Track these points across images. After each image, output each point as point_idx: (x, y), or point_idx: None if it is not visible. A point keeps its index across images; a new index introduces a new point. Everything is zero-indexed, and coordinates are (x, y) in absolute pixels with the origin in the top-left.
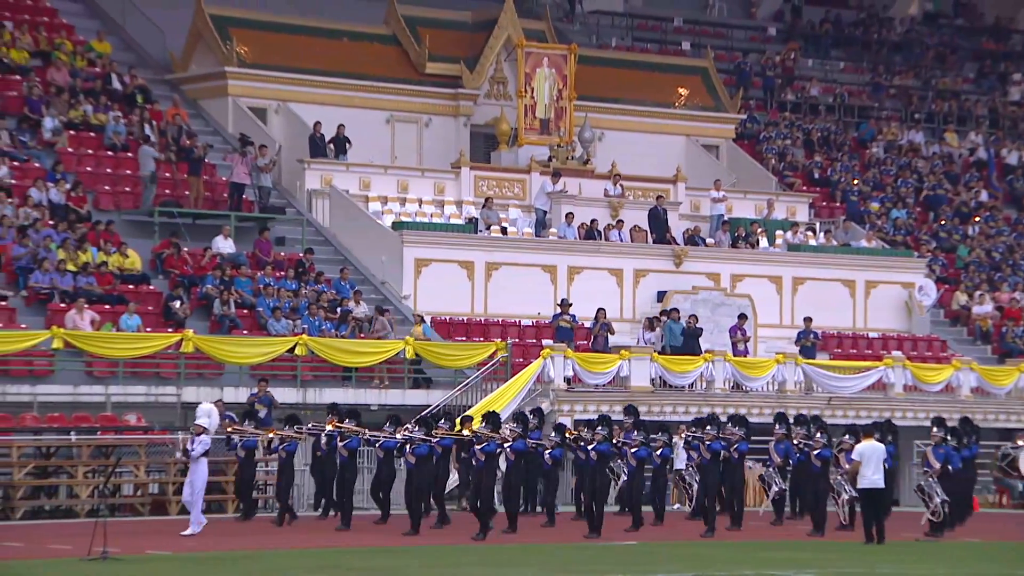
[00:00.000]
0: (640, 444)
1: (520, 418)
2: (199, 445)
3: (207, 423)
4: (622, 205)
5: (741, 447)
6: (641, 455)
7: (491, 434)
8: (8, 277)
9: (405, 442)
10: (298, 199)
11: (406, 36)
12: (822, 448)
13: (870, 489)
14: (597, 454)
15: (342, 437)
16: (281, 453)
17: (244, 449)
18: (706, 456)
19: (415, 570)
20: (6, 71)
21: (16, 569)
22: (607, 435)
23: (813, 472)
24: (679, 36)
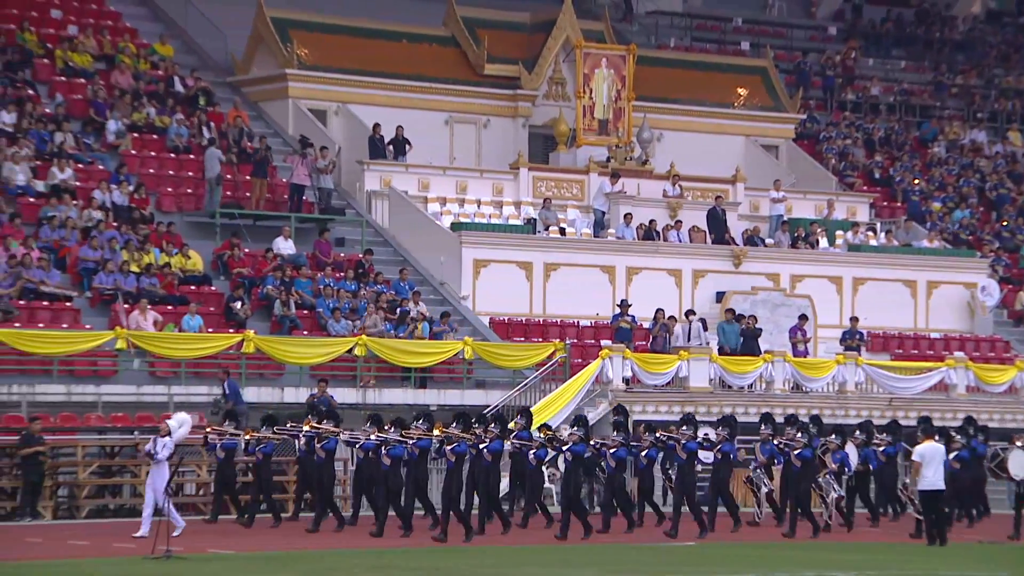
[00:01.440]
0: (620, 445)
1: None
2: (163, 448)
3: (174, 428)
4: (681, 206)
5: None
6: (620, 456)
7: (462, 435)
8: (73, 278)
9: (380, 443)
10: (358, 200)
11: (465, 37)
12: (803, 448)
13: (931, 491)
14: (572, 455)
15: (320, 438)
16: (258, 454)
17: (224, 450)
18: (682, 456)
19: (473, 570)
20: (71, 74)
21: (81, 567)
22: (583, 436)
23: (793, 472)
24: (738, 36)
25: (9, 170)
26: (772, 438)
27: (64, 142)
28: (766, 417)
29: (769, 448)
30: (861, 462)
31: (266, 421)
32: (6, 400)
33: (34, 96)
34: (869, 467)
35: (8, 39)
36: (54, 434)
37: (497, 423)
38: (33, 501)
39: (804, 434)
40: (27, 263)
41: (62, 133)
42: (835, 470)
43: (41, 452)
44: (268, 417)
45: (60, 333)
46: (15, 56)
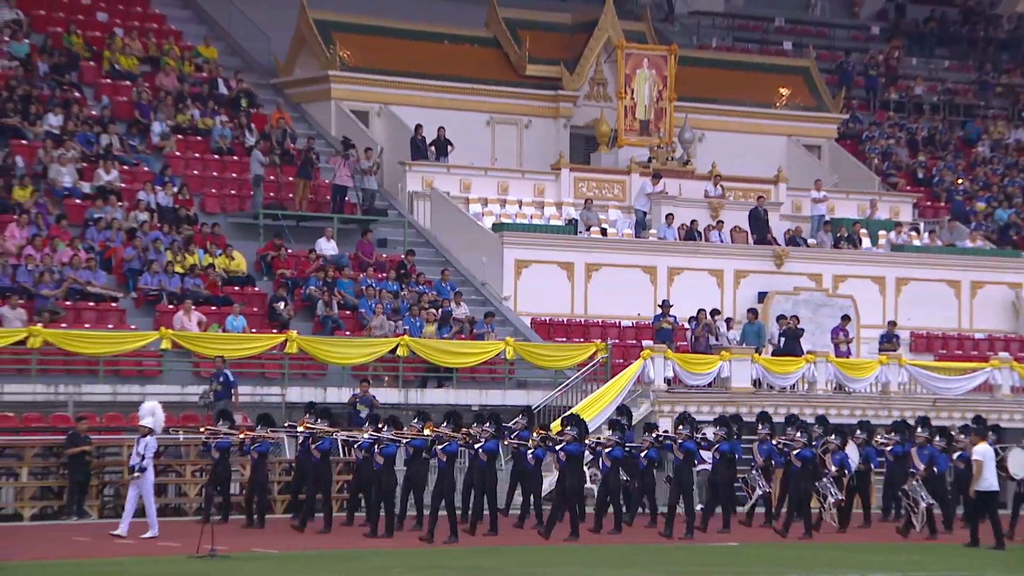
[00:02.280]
0: (615, 444)
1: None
2: (146, 448)
3: (151, 423)
4: (722, 206)
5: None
6: (616, 455)
7: (452, 434)
8: (118, 279)
9: (374, 442)
10: (399, 201)
11: (506, 38)
12: (802, 448)
13: (988, 492)
14: (566, 455)
15: (315, 438)
16: (253, 454)
17: (218, 450)
18: (678, 456)
19: (515, 569)
20: (116, 77)
21: (127, 566)
22: (577, 435)
23: (793, 473)
24: (780, 36)
25: (56, 172)
26: (770, 438)
27: (110, 144)
28: (763, 416)
29: (767, 448)
30: (862, 461)
31: (261, 420)
32: (53, 400)
33: (80, 98)
34: (870, 466)
35: (55, 42)
36: (100, 434)
37: (491, 422)
38: (80, 500)
39: (804, 434)
40: (74, 264)
41: (108, 135)
42: (835, 473)
43: (87, 452)
44: (263, 416)
45: (106, 333)
46: (62, 59)
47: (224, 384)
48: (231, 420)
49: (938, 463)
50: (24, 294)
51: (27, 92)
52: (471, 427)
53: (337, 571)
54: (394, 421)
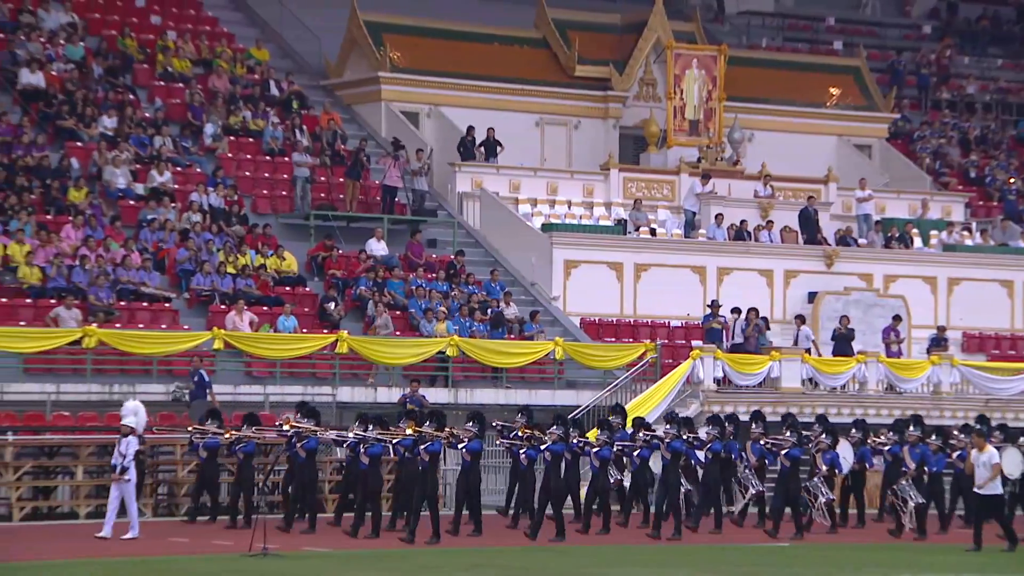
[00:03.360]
0: (604, 444)
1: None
2: (129, 447)
3: (134, 422)
4: (772, 206)
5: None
6: (604, 455)
7: (435, 433)
8: (171, 280)
9: (359, 442)
10: (449, 202)
11: (556, 39)
12: (791, 448)
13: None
14: (551, 454)
15: (300, 437)
16: (239, 454)
17: (206, 450)
18: (666, 456)
19: (569, 569)
20: (170, 79)
21: (181, 564)
22: (562, 435)
23: (783, 472)
24: (831, 35)
25: (110, 173)
26: (761, 437)
27: (163, 146)
28: (756, 416)
29: (760, 447)
30: (857, 460)
31: (247, 420)
32: (107, 399)
33: (134, 101)
34: (866, 466)
35: (109, 45)
36: (154, 433)
37: (475, 422)
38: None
39: (793, 433)
40: (128, 265)
41: (161, 137)
42: (826, 473)
43: (141, 451)
44: (249, 416)
45: (159, 333)
46: (116, 62)
47: (199, 383)
48: (219, 420)
49: (929, 462)
50: (79, 294)
51: (82, 95)
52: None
53: (387, 570)
54: (380, 421)
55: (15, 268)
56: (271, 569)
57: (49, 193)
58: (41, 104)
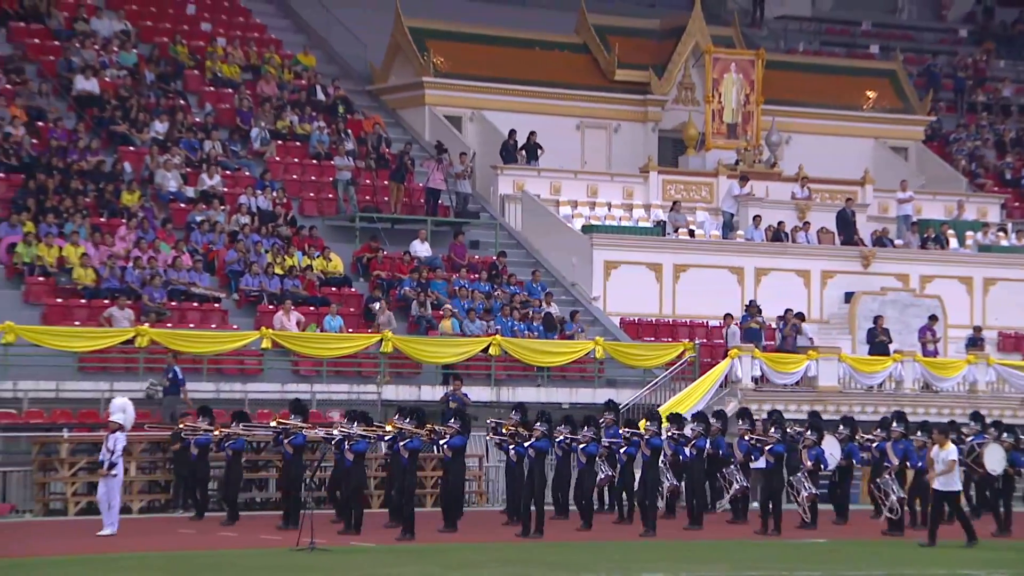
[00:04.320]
0: (591, 440)
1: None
2: (117, 443)
3: (122, 419)
4: (809, 207)
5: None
6: (591, 451)
7: (415, 430)
8: (220, 280)
9: (344, 438)
10: (491, 204)
11: (596, 44)
12: (775, 444)
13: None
14: (535, 451)
15: (287, 434)
16: (228, 451)
17: (197, 447)
18: (646, 452)
19: (605, 565)
20: (219, 85)
21: (229, 558)
22: (545, 432)
23: (767, 469)
24: (867, 40)
25: (162, 177)
26: (748, 434)
27: (213, 150)
28: (743, 413)
29: (745, 444)
30: (843, 457)
31: (237, 417)
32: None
33: (185, 106)
34: (852, 462)
35: (161, 51)
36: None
37: (457, 419)
38: (184, 494)
39: (778, 429)
40: (178, 266)
41: (211, 141)
42: (810, 468)
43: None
44: (239, 413)
45: (209, 333)
46: (167, 68)
47: (173, 380)
48: (211, 416)
49: (912, 458)
50: (132, 295)
51: (135, 100)
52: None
53: (433, 564)
54: (365, 418)
55: (70, 269)
56: (318, 563)
57: (103, 196)
58: (95, 110)
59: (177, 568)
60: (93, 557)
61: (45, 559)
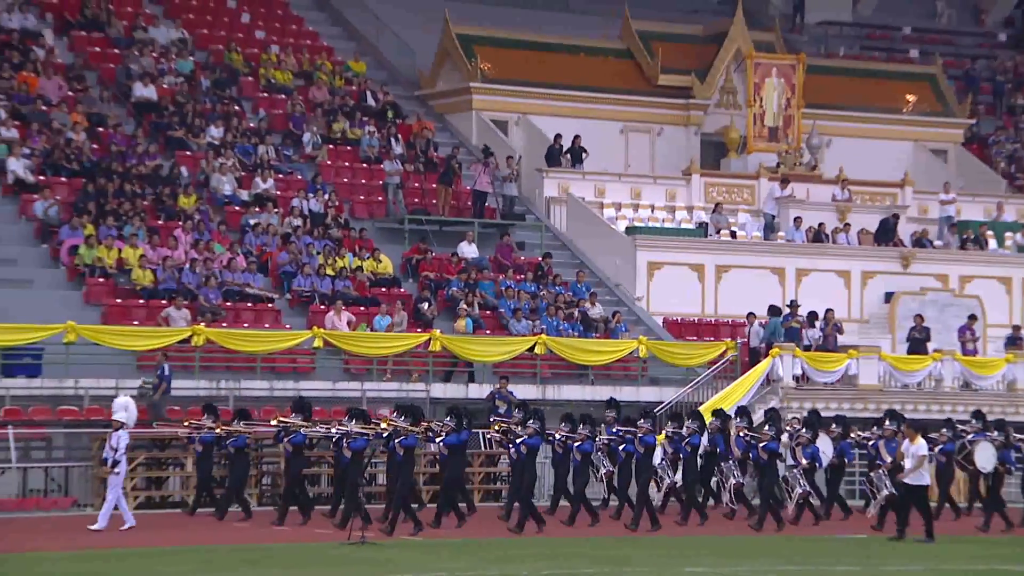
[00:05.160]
0: (585, 438)
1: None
2: (120, 441)
3: (124, 417)
4: (850, 209)
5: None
6: (585, 449)
7: (410, 428)
8: (274, 281)
9: (342, 436)
10: (537, 206)
11: (640, 50)
12: (769, 441)
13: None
14: (527, 448)
15: (287, 432)
16: (230, 449)
17: (202, 444)
18: (639, 449)
19: (651, 560)
20: (273, 91)
21: (281, 551)
22: (538, 429)
23: (760, 465)
24: (907, 44)
25: (217, 180)
26: (744, 431)
27: (266, 154)
28: (741, 411)
29: (743, 442)
30: (836, 455)
31: (239, 415)
32: (215, 395)
33: (239, 111)
34: (844, 460)
35: (216, 59)
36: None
37: (452, 417)
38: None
39: (771, 427)
40: (233, 267)
41: (264, 146)
42: (805, 466)
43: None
44: (240, 411)
45: (263, 332)
46: (223, 74)
47: (160, 378)
48: (215, 414)
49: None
50: (188, 296)
51: (191, 106)
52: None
53: (480, 558)
54: (361, 415)
55: (129, 271)
56: (368, 557)
57: (160, 200)
58: (153, 116)
59: (234, 561)
60: (152, 550)
61: (106, 551)
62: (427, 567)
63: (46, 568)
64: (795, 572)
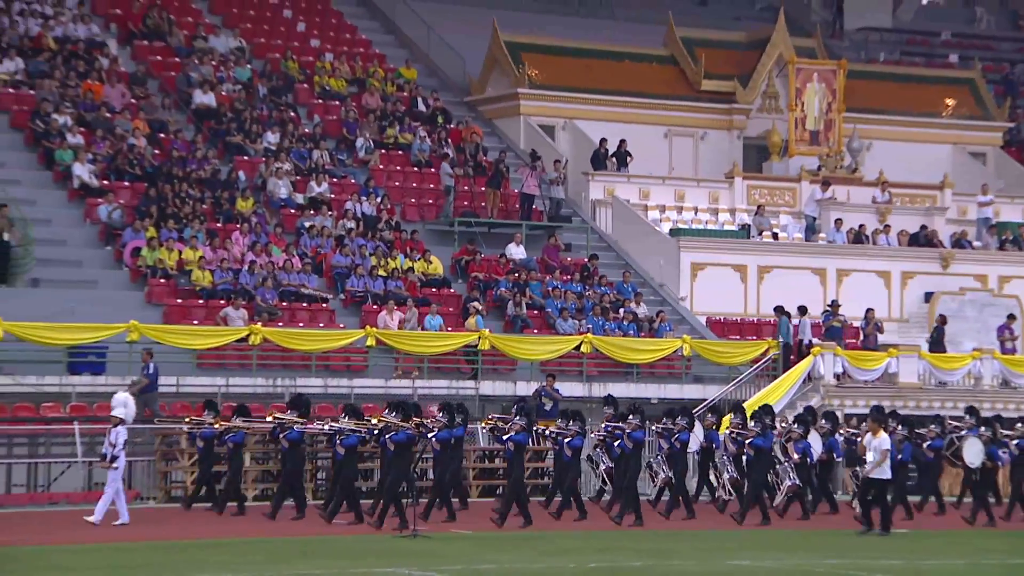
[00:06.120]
0: (576, 434)
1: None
2: (119, 437)
3: (123, 413)
4: (890, 211)
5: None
6: (576, 445)
7: (401, 424)
8: (328, 282)
9: (335, 433)
10: (583, 209)
11: (683, 56)
12: (755, 437)
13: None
14: (513, 444)
15: (284, 428)
16: (228, 444)
17: (203, 439)
18: (628, 445)
19: (690, 553)
20: (327, 98)
21: (338, 543)
22: (525, 425)
23: (748, 460)
24: (947, 49)
25: (273, 184)
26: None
27: (321, 159)
28: (736, 407)
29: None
30: (825, 451)
31: (237, 411)
32: (271, 392)
33: (295, 118)
34: (834, 456)
35: (273, 67)
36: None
37: (444, 412)
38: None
39: (758, 423)
40: (289, 268)
41: (319, 151)
42: (797, 461)
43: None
44: (239, 407)
45: (317, 332)
46: (279, 82)
47: (146, 375)
48: (216, 410)
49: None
50: (246, 296)
51: (248, 113)
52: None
53: (529, 550)
54: (354, 411)
55: (189, 272)
56: (420, 549)
57: (219, 203)
58: (212, 122)
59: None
60: (213, 541)
61: (171, 543)
62: (475, 559)
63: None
64: (838, 566)
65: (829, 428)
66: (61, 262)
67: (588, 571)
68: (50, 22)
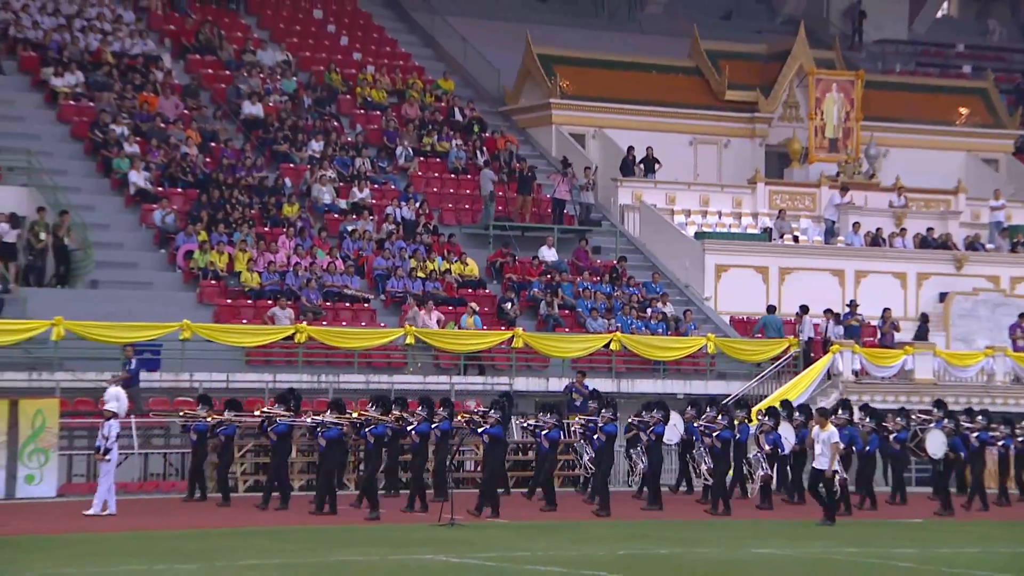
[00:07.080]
0: (553, 426)
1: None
2: (111, 430)
3: (116, 407)
4: (906, 215)
5: (658, 429)
6: (553, 437)
7: (380, 417)
8: (369, 283)
9: (317, 425)
10: (612, 213)
11: (708, 67)
12: (722, 430)
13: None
14: (489, 437)
15: (270, 422)
16: (220, 437)
17: (196, 432)
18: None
19: (715, 541)
20: (368, 108)
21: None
22: (500, 418)
23: (714, 453)
24: (960, 60)
25: (318, 191)
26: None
27: (362, 166)
28: (710, 402)
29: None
30: (798, 442)
31: (229, 405)
32: (316, 387)
33: (338, 127)
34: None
35: (318, 79)
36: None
37: (424, 406)
38: (339, 475)
39: (724, 416)
40: (332, 270)
41: (361, 158)
42: (768, 452)
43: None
44: (231, 401)
45: (359, 330)
46: (323, 93)
47: (128, 370)
48: (209, 404)
49: (857, 443)
50: (292, 296)
51: (294, 123)
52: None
53: (563, 539)
54: (337, 405)
55: (238, 274)
56: (458, 537)
57: (266, 208)
58: (260, 131)
59: (332, 539)
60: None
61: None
62: (510, 547)
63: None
64: (857, 554)
65: (802, 421)
66: (118, 264)
67: (618, 558)
68: (108, 38)
